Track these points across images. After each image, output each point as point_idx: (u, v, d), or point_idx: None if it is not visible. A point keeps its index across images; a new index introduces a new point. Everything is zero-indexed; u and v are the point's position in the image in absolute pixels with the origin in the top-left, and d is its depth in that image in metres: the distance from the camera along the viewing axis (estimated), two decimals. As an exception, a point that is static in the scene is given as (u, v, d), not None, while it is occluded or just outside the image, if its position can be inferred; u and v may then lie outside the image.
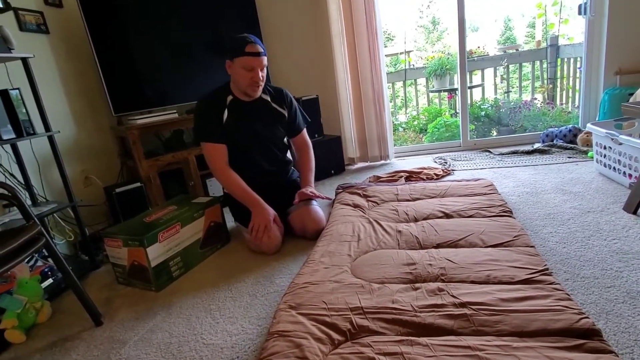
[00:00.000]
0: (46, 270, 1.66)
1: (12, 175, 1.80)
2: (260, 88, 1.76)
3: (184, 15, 2.51)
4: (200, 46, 2.57)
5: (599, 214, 1.63)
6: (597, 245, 1.39)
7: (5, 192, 1.29)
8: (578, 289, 1.16)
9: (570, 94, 4.04)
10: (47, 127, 1.75)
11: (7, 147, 1.76)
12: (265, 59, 1.70)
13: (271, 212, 1.72)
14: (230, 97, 1.77)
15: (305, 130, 2.01)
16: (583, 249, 1.38)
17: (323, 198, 1.90)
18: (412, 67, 5.23)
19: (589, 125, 2.14)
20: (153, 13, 2.40)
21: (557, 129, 2.84)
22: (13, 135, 1.60)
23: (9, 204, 1.71)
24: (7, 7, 1.56)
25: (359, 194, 2.06)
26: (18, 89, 1.67)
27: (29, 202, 1.80)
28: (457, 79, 3.23)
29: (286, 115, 1.89)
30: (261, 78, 1.70)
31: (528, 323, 0.94)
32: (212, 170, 1.79)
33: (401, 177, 2.48)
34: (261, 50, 1.67)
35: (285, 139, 1.98)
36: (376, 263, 1.35)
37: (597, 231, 1.49)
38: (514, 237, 1.39)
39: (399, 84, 4.87)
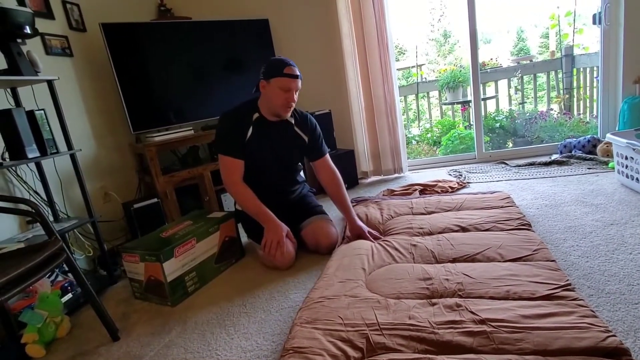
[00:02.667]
0: (66, 285, 1.69)
1: (35, 192, 1.86)
2: (291, 110, 1.77)
3: (200, 38, 2.59)
4: (215, 66, 2.64)
5: (623, 227, 1.58)
6: (622, 259, 1.34)
7: (30, 209, 1.34)
8: (603, 305, 1.12)
9: (588, 104, 3.97)
10: (69, 146, 1.81)
11: (32, 165, 1.83)
12: (300, 82, 1.72)
13: (284, 227, 1.72)
14: (256, 115, 1.78)
15: (328, 156, 1.95)
16: (607, 263, 1.33)
17: (378, 237, 1.77)
18: (424, 80, 5.24)
19: (608, 135, 2.10)
20: (170, 36, 2.49)
21: (575, 139, 2.78)
22: (38, 154, 1.66)
23: (32, 220, 1.77)
24: (35, 32, 1.64)
25: (373, 208, 2.05)
26: (43, 109, 1.74)
27: (51, 218, 1.86)
28: (470, 91, 3.22)
29: (307, 140, 1.88)
30: (295, 100, 1.73)
31: (551, 341, 0.91)
32: (226, 183, 1.78)
33: (415, 190, 2.46)
34: (298, 73, 1.70)
35: (299, 163, 1.97)
36: (391, 277, 1.33)
37: (621, 244, 1.44)
38: (534, 251, 1.35)
39: (411, 97, 4.88)
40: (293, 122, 1.85)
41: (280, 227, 1.70)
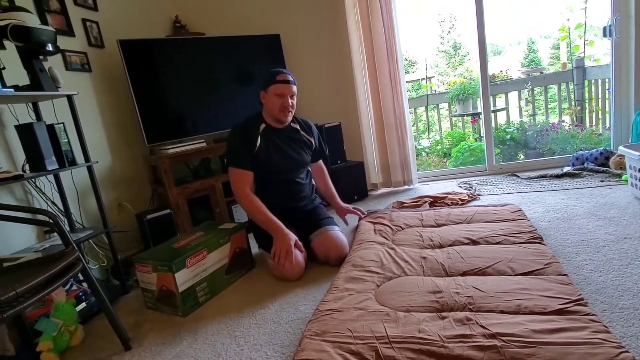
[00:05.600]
0: (80, 294, 1.73)
1: (53, 203, 1.92)
2: (291, 115, 1.90)
3: (213, 52, 2.67)
4: (227, 80, 2.71)
5: (637, 241, 1.55)
6: (636, 273, 1.32)
7: (48, 219, 1.38)
8: (617, 320, 1.10)
9: (600, 116, 3.93)
10: (86, 158, 1.86)
11: (50, 176, 1.89)
12: (294, 87, 1.87)
13: (292, 237, 1.75)
14: (263, 125, 1.89)
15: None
16: (621, 277, 1.31)
17: (363, 213, 2.18)
18: (433, 92, 5.26)
19: (621, 147, 2.08)
20: (185, 52, 2.57)
21: (587, 151, 2.76)
22: (57, 166, 1.71)
23: (50, 230, 1.82)
24: (57, 50, 1.72)
25: (382, 220, 2.05)
26: (62, 123, 1.81)
27: (67, 228, 1.90)
28: (480, 103, 3.22)
29: (313, 143, 2.04)
30: (291, 104, 1.86)
31: (563, 357, 0.90)
32: (236, 195, 1.85)
33: (425, 202, 2.45)
34: (290, 79, 1.86)
35: (309, 170, 2.11)
36: (401, 290, 1.33)
37: (635, 258, 1.42)
38: (545, 264, 1.34)
39: (421, 109, 4.89)
40: (298, 127, 2.00)
41: (288, 236, 1.73)
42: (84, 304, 1.71)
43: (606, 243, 1.57)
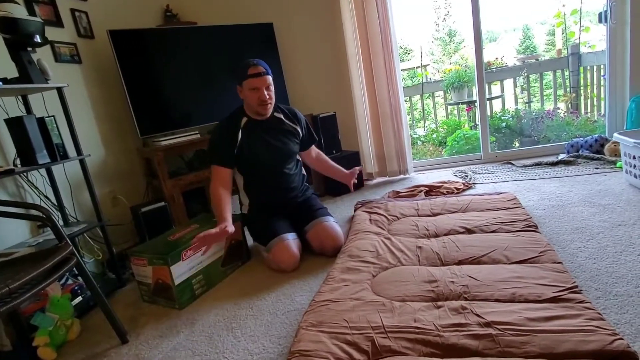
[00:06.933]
0: (76, 288, 1.72)
1: (46, 197, 1.90)
2: (270, 106, 1.84)
3: (206, 42, 2.62)
4: (220, 70, 2.67)
5: (631, 228, 1.56)
6: (631, 260, 1.33)
7: (41, 214, 1.37)
8: (611, 307, 1.11)
9: (595, 103, 3.93)
10: (78, 151, 1.84)
11: (42, 170, 1.86)
12: (268, 78, 1.78)
13: (222, 224, 1.61)
14: (245, 119, 1.86)
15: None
16: (615, 264, 1.32)
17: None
18: (429, 80, 5.23)
19: (616, 134, 2.08)
20: (176, 42, 2.52)
21: (582, 139, 2.76)
22: (48, 160, 1.69)
23: (43, 225, 1.80)
24: (45, 41, 1.68)
25: (378, 209, 2.05)
26: (53, 116, 1.78)
27: (61, 222, 1.89)
28: (475, 91, 3.21)
29: (299, 131, 1.99)
30: (267, 96, 1.78)
31: (557, 344, 0.91)
32: (210, 187, 1.80)
33: (421, 191, 2.45)
34: (262, 70, 1.76)
35: (298, 160, 2.06)
36: (397, 280, 1.34)
37: (629, 245, 1.43)
38: (540, 252, 1.35)
39: (416, 97, 4.87)
40: (282, 116, 1.94)
41: (220, 222, 1.63)
42: (80, 298, 1.70)
43: (600, 230, 1.58)
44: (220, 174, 1.81)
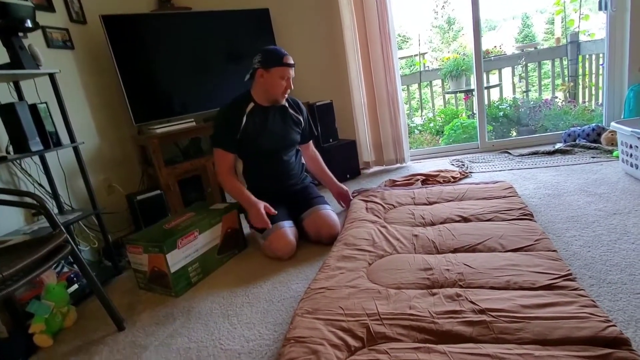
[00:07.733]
0: (72, 276, 1.72)
1: (40, 185, 1.88)
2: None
3: (201, 28, 2.57)
4: (216, 57, 2.63)
5: (626, 216, 1.57)
6: (625, 249, 1.34)
7: (34, 202, 1.35)
8: (604, 295, 1.12)
9: (593, 92, 3.91)
10: (72, 139, 1.81)
11: (36, 158, 1.84)
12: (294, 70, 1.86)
13: (261, 204, 1.79)
14: (251, 105, 1.85)
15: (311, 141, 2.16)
16: (609, 253, 1.33)
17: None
18: (427, 69, 5.19)
19: (613, 123, 2.07)
20: (171, 27, 2.48)
21: (579, 128, 2.76)
22: (41, 147, 1.67)
23: (37, 213, 1.79)
24: (37, 26, 1.64)
25: (374, 198, 2.05)
26: (45, 103, 1.75)
27: (55, 210, 1.88)
28: (473, 79, 3.18)
29: (302, 121, 2.01)
30: (292, 87, 1.86)
31: (551, 331, 0.91)
32: (217, 173, 1.90)
33: (417, 180, 2.45)
34: (293, 62, 1.83)
35: (298, 148, 2.08)
36: (392, 268, 1.34)
37: (624, 234, 1.44)
38: (535, 241, 1.35)
39: (414, 86, 4.84)
40: (287, 105, 1.96)
41: (257, 204, 1.78)
42: (76, 286, 1.70)
43: (596, 219, 1.59)
44: (225, 160, 1.85)
